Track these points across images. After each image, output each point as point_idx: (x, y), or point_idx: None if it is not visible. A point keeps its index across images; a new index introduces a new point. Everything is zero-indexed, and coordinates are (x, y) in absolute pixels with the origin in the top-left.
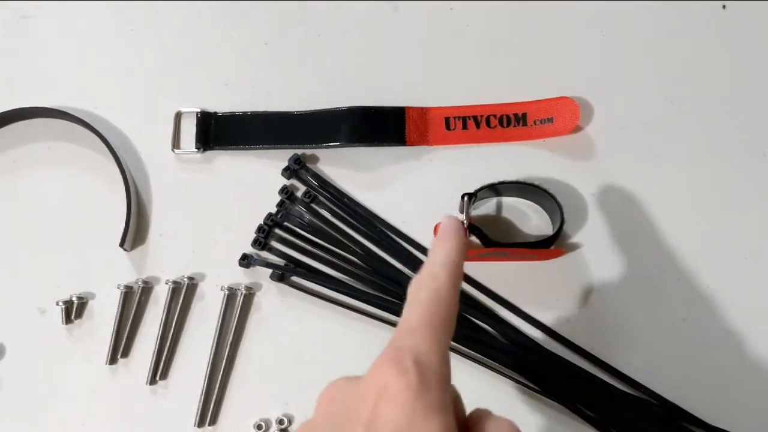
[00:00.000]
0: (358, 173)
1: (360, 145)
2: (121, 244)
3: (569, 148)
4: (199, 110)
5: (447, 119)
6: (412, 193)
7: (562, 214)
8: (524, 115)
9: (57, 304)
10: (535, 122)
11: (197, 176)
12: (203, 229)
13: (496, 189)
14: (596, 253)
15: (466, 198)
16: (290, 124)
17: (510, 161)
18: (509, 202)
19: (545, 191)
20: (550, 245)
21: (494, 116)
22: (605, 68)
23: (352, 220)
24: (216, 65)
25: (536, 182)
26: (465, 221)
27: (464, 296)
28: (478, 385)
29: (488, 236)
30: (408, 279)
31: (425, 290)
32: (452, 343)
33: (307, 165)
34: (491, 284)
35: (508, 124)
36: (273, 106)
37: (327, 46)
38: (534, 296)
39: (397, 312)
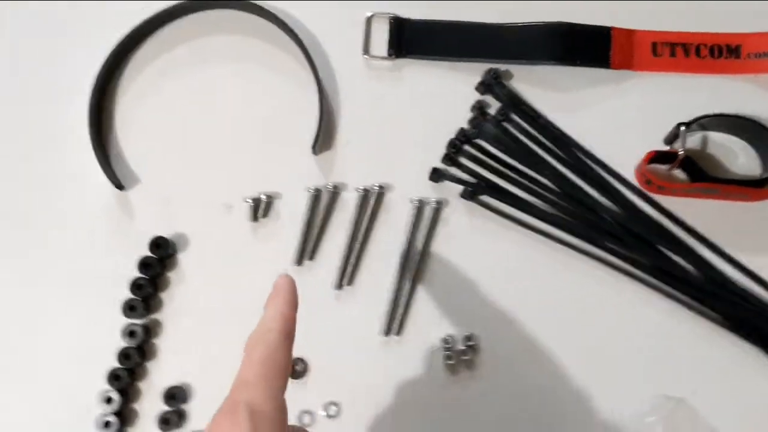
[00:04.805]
0: (555, 94)
1: (560, 63)
2: (313, 147)
3: None
4: (392, 15)
5: (654, 44)
6: (612, 119)
7: None
8: (738, 47)
9: (245, 200)
10: (749, 55)
11: (387, 84)
12: (391, 140)
13: (704, 123)
14: None
15: (683, 128)
16: (486, 37)
17: (717, 95)
18: (715, 137)
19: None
20: (765, 185)
21: (705, 45)
22: None
23: (546, 142)
24: None
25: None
26: (681, 152)
27: (660, 229)
28: (665, 318)
29: (703, 170)
30: (604, 208)
31: (259, 344)
32: (642, 274)
33: (503, 81)
34: (693, 221)
35: (720, 54)
36: (467, 15)
37: None
38: (738, 238)
39: (591, 239)
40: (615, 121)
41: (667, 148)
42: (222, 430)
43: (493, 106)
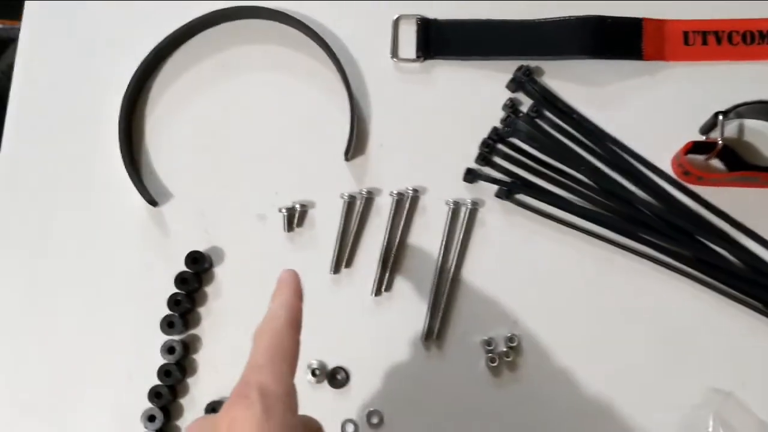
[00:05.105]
0: (587, 88)
1: (592, 57)
2: (345, 154)
3: None
4: (418, 16)
5: (686, 33)
6: (647, 111)
7: None
8: None
9: (279, 211)
10: None
11: (417, 86)
12: (423, 142)
13: (741, 111)
14: None
15: (721, 117)
16: (515, 34)
17: (751, 81)
18: (752, 125)
19: None
20: None
21: (737, 32)
22: None
23: (581, 138)
24: None
25: None
26: (720, 142)
27: (701, 221)
28: (710, 309)
29: (743, 159)
30: (643, 202)
31: (266, 332)
32: (686, 267)
33: (534, 77)
34: (734, 210)
35: (752, 41)
36: (495, 13)
37: None
38: None
39: (630, 234)
40: (649, 113)
41: (703, 138)
42: (236, 411)
43: (525, 103)
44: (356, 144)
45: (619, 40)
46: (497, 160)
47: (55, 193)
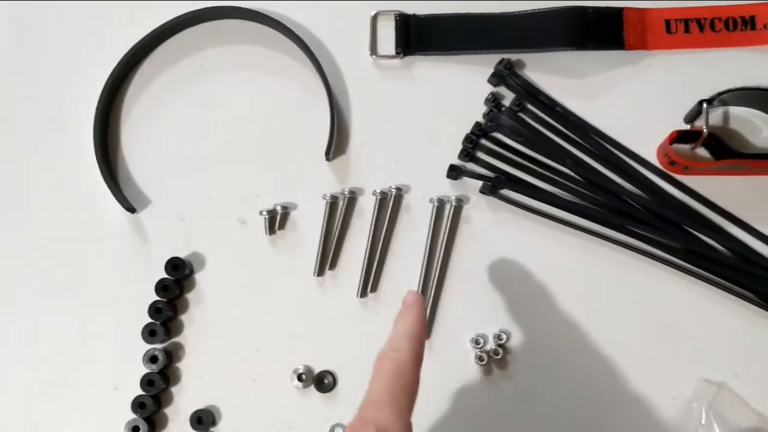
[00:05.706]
0: (570, 80)
1: (573, 48)
2: (326, 154)
3: None
4: (397, 12)
5: (667, 21)
6: (630, 101)
7: None
8: (752, 18)
9: (261, 213)
10: (765, 26)
11: (397, 83)
12: (405, 139)
13: (725, 98)
14: None
15: (705, 105)
16: (494, 27)
17: (735, 68)
18: (737, 112)
19: None
20: None
21: (719, 19)
22: None
23: (565, 130)
24: None
25: None
26: (705, 130)
27: (689, 211)
28: (700, 300)
29: (729, 147)
30: (629, 194)
31: (388, 362)
32: (674, 258)
33: (516, 71)
34: (721, 199)
35: (734, 27)
36: (473, 7)
37: None
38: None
39: (618, 227)
40: (633, 103)
41: (688, 126)
42: None
43: (508, 97)
44: (337, 143)
45: (600, 30)
46: (481, 155)
47: (29, 203)
